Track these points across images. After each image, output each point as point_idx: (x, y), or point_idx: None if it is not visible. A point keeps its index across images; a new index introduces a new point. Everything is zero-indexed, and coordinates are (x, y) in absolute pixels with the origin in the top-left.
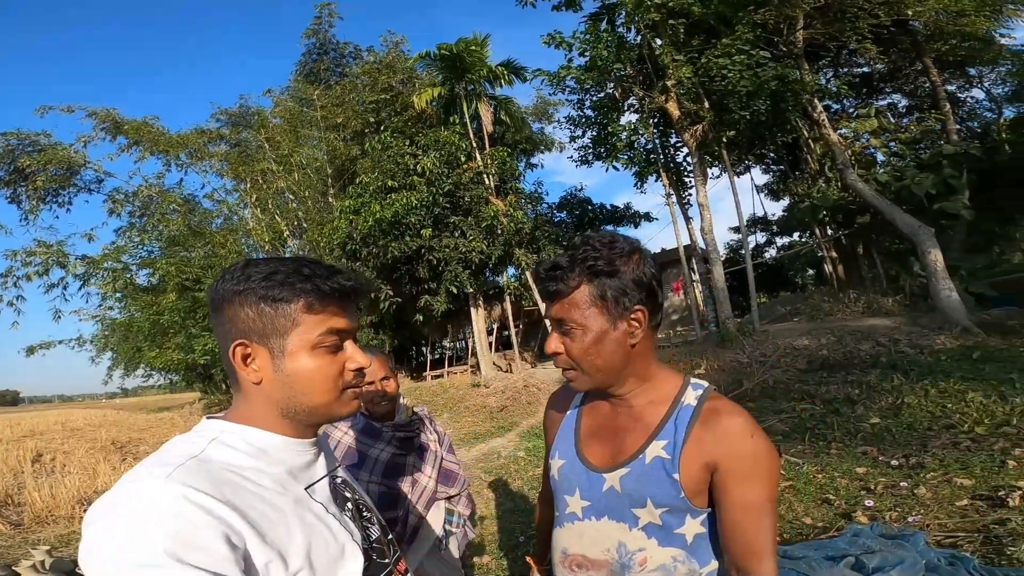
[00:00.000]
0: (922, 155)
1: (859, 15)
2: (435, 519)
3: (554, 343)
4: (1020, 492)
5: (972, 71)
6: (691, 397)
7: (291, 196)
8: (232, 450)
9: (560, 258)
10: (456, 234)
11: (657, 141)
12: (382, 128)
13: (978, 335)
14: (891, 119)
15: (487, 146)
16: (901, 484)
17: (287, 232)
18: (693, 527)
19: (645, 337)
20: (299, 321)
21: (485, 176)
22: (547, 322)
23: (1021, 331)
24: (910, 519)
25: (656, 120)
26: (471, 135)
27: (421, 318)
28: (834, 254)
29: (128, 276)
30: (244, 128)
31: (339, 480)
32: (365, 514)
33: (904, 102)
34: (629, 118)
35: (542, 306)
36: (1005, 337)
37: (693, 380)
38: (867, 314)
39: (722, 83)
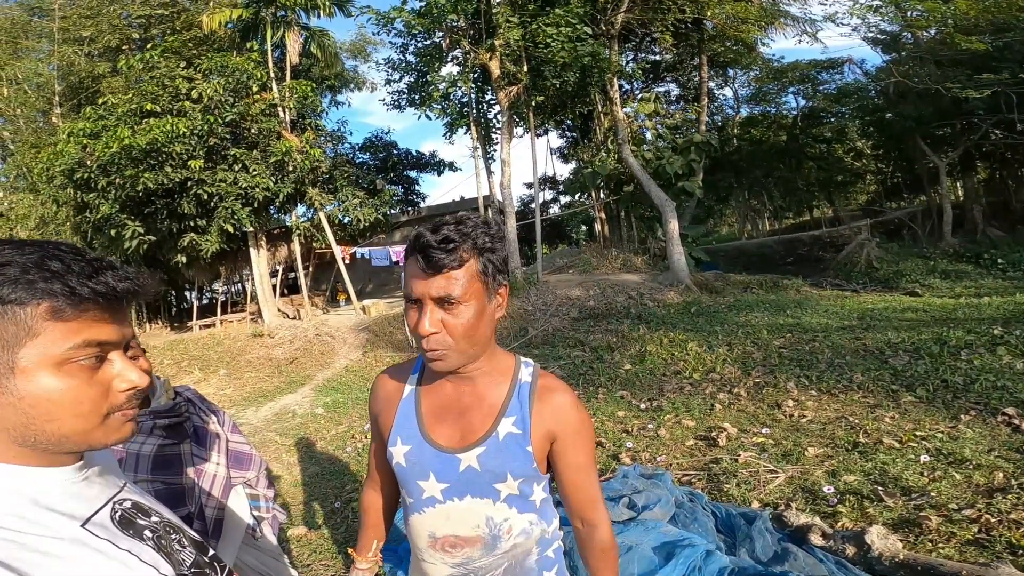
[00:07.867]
0: (678, 140)
1: (671, 7)
2: (239, 507)
3: (432, 322)
4: (726, 432)
5: (731, 72)
6: (525, 374)
7: None
8: None
9: (447, 231)
10: (236, 168)
11: (473, 96)
12: (149, 46)
13: (695, 292)
14: (664, 105)
15: (288, 78)
16: (648, 426)
17: None
18: (539, 493)
19: None
20: (38, 330)
21: (281, 109)
22: (417, 299)
23: (722, 290)
24: (659, 459)
25: (476, 76)
26: (270, 65)
27: (184, 259)
28: (603, 215)
29: None
30: None
31: (127, 505)
32: (174, 536)
33: (676, 92)
34: (450, 69)
35: (337, 249)
36: (712, 295)
37: (522, 357)
38: (623, 270)
39: (544, 50)
